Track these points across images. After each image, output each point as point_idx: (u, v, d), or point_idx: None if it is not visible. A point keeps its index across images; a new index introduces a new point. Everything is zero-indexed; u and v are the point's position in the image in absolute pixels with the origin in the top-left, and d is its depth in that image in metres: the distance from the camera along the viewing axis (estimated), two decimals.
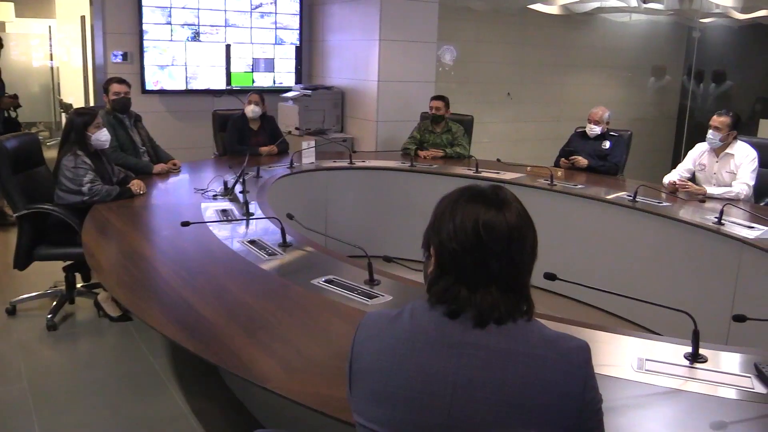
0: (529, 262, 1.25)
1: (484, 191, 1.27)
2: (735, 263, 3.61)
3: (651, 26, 9.40)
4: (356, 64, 6.83)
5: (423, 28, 6.61)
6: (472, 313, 1.21)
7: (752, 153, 4.48)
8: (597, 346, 2.08)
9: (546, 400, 1.16)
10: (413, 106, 6.43)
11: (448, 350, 1.20)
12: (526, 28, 8.35)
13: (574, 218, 4.63)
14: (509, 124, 8.35)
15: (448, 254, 1.23)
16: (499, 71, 8.29)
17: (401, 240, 4.94)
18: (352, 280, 2.58)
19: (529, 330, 1.22)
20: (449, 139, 5.86)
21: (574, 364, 1.20)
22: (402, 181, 5.35)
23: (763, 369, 1.90)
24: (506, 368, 1.18)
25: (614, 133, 5.41)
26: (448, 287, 1.23)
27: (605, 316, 4.30)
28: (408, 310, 1.28)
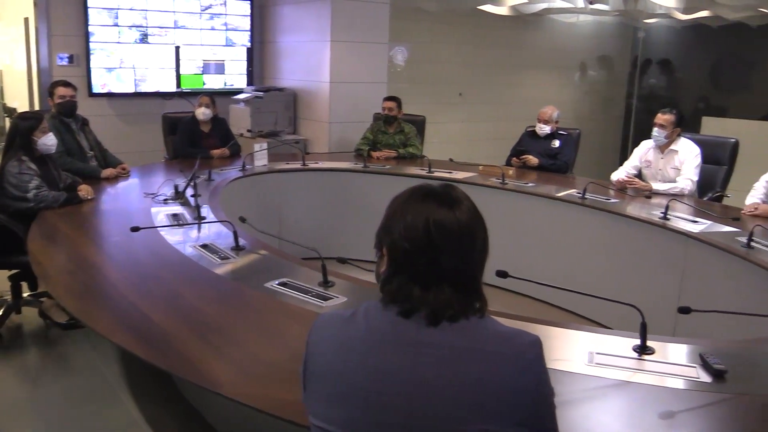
0: (480, 260, 1.27)
1: (435, 190, 1.28)
2: (680, 257, 3.71)
3: (598, 27, 9.59)
4: (308, 65, 6.80)
5: (374, 29, 6.63)
6: (425, 311, 1.22)
7: (695, 149, 4.61)
8: (549, 341, 2.12)
9: (499, 396, 1.18)
10: (366, 107, 6.44)
11: (404, 349, 1.21)
12: (478, 29, 8.43)
13: (526, 216, 4.70)
14: (461, 124, 8.43)
15: (400, 254, 1.24)
16: (451, 71, 8.36)
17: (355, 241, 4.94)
18: (306, 283, 2.57)
19: (483, 327, 1.24)
20: (402, 139, 5.88)
21: (527, 360, 1.21)
22: (355, 182, 5.35)
23: (707, 359, 1.96)
24: (461, 366, 1.19)
25: (563, 132, 5.51)
26: (401, 286, 1.24)
27: (557, 312, 4.38)
28: (362, 310, 1.28)
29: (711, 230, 3.68)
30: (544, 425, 1.23)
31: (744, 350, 2.17)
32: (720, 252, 3.41)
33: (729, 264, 3.35)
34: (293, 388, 1.30)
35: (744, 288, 3.24)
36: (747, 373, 1.95)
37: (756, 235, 3.36)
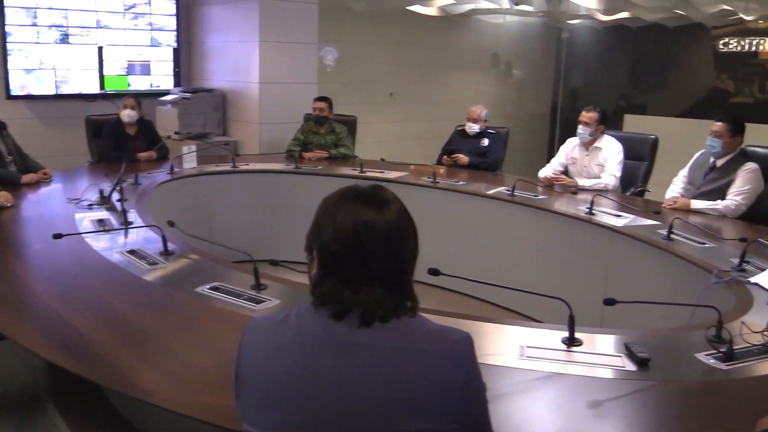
0: (410, 260, 1.28)
1: (364, 191, 1.28)
2: (606, 250, 3.84)
3: (524, 27, 9.80)
4: (237, 66, 6.71)
5: (303, 29, 6.60)
6: (356, 312, 1.22)
7: (618, 146, 4.77)
8: (481, 336, 2.16)
9: (432, 394, 1.19)
10: (296, 108, 6.40)
11: (336, 351, 1.21)
12: (407, 29, 8.49)
13: (457, 214, 4.76)
14: (393, 124, 8.47)
15: (330, 256, 1.24)
16: (382, 72, 8.39)
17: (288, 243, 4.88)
18: (238, 286, 2.54)
19: (414, 326, 1.25)
20: (333, 139, 5.87)
21: (457, 356, 1.23)
22: (287, 184, 5.31)
23: (632, 348, 2.03)
24: (392, 365, 1.20)
25: (492, 130, 5.61)
26: (332, 288, 1.24)
27: (490, 308, 4.45)
28: (294, 313, 1.28)
29: (634, 224, 3.82)
30: (476, 421, 1.25)
31: (666, 338, 2.25)
32: (642, 244, 3.54)
33: (651, 256, 3.48)
34: (226, 394, 1.28)
35: (665, 278, 3.37)
36: (669, 360, 2.03)
37: (675, 228, 3.51)
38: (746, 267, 2.94)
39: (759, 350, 2.08)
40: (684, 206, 4.13)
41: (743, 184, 4.05)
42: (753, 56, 8.35)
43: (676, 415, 1.77)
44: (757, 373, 1.96)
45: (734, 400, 1.82)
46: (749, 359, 2.03)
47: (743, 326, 2.21)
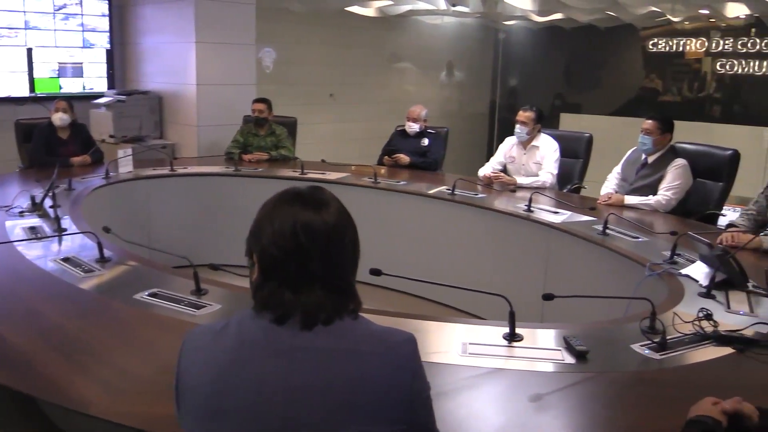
0: (351, 261, 1.28)
1: (302, 193, 1.28)
2: (544, 246, 3.92)
3: (461, 28, 9.91)
4: (173, 67, 6.59)
5: (241, 29, 6.52)
6: (298, 316, 1.21)
7: (554, 144, 4.89)
8: (424, 335, 2.18)
9: (376, 396, 1.19)
10: (235, 110, 6.32)
11: (278, 357, 1.20)
12: (345, 30, 8.48)
13: (399, 214, 4.79)
14: (333, 125, 8.45)
15: (270, 260, 1.23)
16: (321, 72, 8.36)
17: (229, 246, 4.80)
18: (178, 292, 2.49)
19: (357, 328, 1.25)
20: (273, 141, 5.83)
21: (401, 357, 1.23)
22: (227, 186, 5.25)
23: (570, 341, 2.08)
24: (335, 368, 1.19)
25: (432, 130, 5.66)
26: (272, 292, 1.23)
27: (434, 306, 4.48)
28: (235, 320, 1.26)
29: (571, 220, 3.91)
30: (421, 421, 1.26)
31: (603, 331, 2.32)
32: (579, 240, 3.63)
33: (588, 251, 3.57)
34: (167, 402, 1.26)
35: (602, 272, 3.46)
36: (606, 352, 2.09)
37: (610, 223, 3.61)
38: (677, 259, 3.04)
39: (690, 339, 2.16)
40: (618, 202, 4.25)
41: (673, 180, 4.19)
42: (680, 56, 8.65)
43: (614, 405, 1.82)
44: (688, 362, 2.03)
45: (668, 389, 1.89)
46: (681, 348, 2.10)
47: (675, 317, 2.29)
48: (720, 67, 8.23)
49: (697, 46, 8.41)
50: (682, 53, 8.60)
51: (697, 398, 1.59)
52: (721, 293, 2.62)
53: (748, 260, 2.87)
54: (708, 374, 1.98)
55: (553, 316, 3.40)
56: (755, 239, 3.17)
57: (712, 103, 8.61)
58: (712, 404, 1.55)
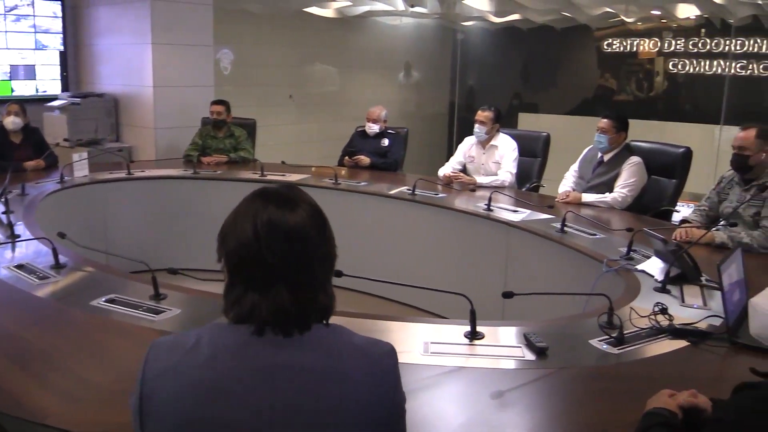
0: (323, 261, 1.23)
1: (269, 191, 1.25)
2: (504, 245, 3.96)
3: (420, 29, 9.95)
4: (129, 69, 6.49)
5: (198, 31, 6.45)
6: (271, 324, 1.17)
7: (513, 144, 4.94)
8: (386, 335, 2.18)
9: (361, 415, 1.17)
10: (193, 112, 6.25)
11: (257, 376, 1.15)
12: (304, 31, 8.45)
13: (360, 214, 4.79)
14: (293, 126, 8.42)
15: (234, 261, 1.20)
16: (280, 73, 8.32)
17: (189, 250, 4.82)
18: (136, 297, 2.45)
19: (337, 340, 1.21)
20: (233, 143, 5.78)
21: (384, 372, 1.21)
22: (186, 189, 5.19)
23: (530, 338, 2.11)
24: (320, 388, 1.15)
25: (392, 131, 5.68)
26: (239, 296, 1.19)
27: (396, 306, 4.49)
28: (206, 336, 1.19)
29: (530, 218, 3.96)
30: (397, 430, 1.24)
31: (562, 327, 2.35)
32: (538, 238, 3.68)
33: (547, 248, 3.62)
34: (126, 410, 1.23)
35: (561, 269, 3.52)
36: (565, 348, 2.12)
37: (568, 221, 3.67)
38: (633, 255, 3.10)
39: (647, 333, 2.21)
40: (575, 200, 4.32)
41: (629, 177, 4.28)
42: (633, 56, 8.81)
43: (573, 400, 1.85)
44: (645, 355, 2.08)
45: (626, 382, 1.93)
46: (638, 342, 2.15)
47: (632, 311, 2.34)
48: (672, 66, 8.41)
49: (650, 46, 8.58)
50: (636, 53, 8.76)
51: (654, 391, 1.63)
52: (675, 288, 2.68)
53: (701, 255, 2.95)
54: (664, 367, 2.02)
55: (513, 314, 3.44)
56: (707, 234, 3.25)
57: (664, 102, 8.80)
58: (669, 396, 1.59)
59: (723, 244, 3.24)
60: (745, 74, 7.65)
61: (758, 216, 3.30)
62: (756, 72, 7.59)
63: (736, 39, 7.64)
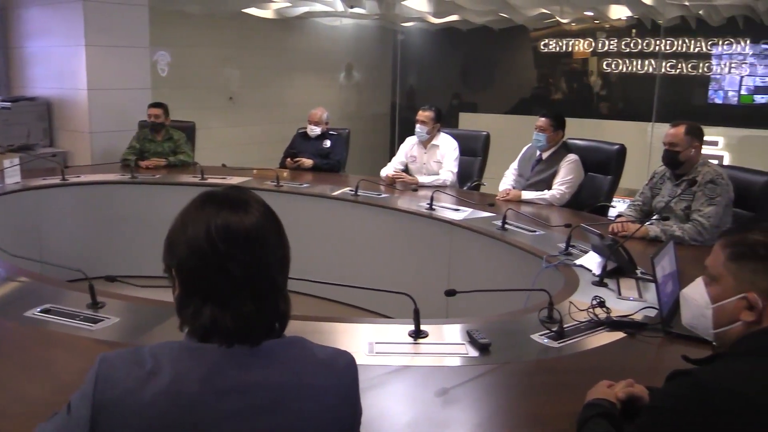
0: (279, 264, 1.19)
1: (217, 194, 1.19)
2: (447, 244, 4.00)
3: (360, 30, 9.96)
4: (62, 72, 6.31)
5: (133, 32, 6.32)
6: (236, 337, 1.12)
7: (454, 143, 5.00)
8: (330, 336, 2.19)
9: (327, 428, 1.16)
10: (130, 115, 6.11)
11: (223, 399, 1.09)
12: (243, 32, 8.36)
13: (303, 216, 4.76)
14: (233, 129, 8.32)
15: (188, 272, 1.13)
16: (220, 75, 8.21)
17: (127, 256, 4.72)
18: (73, 307, 2.38)
19: (300, 354, 1.18)
20: (171, 147, 5.67)
21: (348, 385, 1.20)
22: (123, 195, 5.07)
23: (473, 335, 2.13)
24: (287, 405, 1.12)
25: (334, 132, 5.68)
26: (198, 311, 1.12)
27: (342, 308, 4.48)
28: (166, 356, 1.11)
29: (471, 217, 4.01)
30: None
31: (504, 323, 2.39)
32: (480, 236, 3.73)
33: (489, 246, 3.67)
34: None
35: (502, 266, 3.57)
36: (508, 344, 2.16)
37: (509, 218, 3.72)
38: (572, 251, 3.17)
39: (585, 326, 2.26)
40: (515, 197, 4.39)
41: (566, 175, 4.38)
42: (568, 56, 9.02)
43: (516, 394, 1.89)
44: (584, 348, 2.13)
45: (567, 375, 1.97)
46: (577, 335, 2.20)
47: (571, 305, 2.40)
48: (606, 66, 8.64)
49: (584, 46, 8.79)
50: (571, 53, 8.97)
51: (593, 382, 1.68)
52: (612, 281, 2.75)
53: (636, 248, 3.03)
54: (603, 358, 2.08)
55: (457, 311, 3.47)
56: (642, 228, 3.35)
57: (599, 101, 9.03)
58: (607, 387, 1.63)
59: (656, 238, 3.35)
60: (675, 73, 7.92)
61: (689, 210, 3.42)
62: (685, 71, 7.87)
63: (666, 39, 7.91)
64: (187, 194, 1.25)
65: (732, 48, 7.59)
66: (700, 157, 3.53)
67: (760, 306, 1.29)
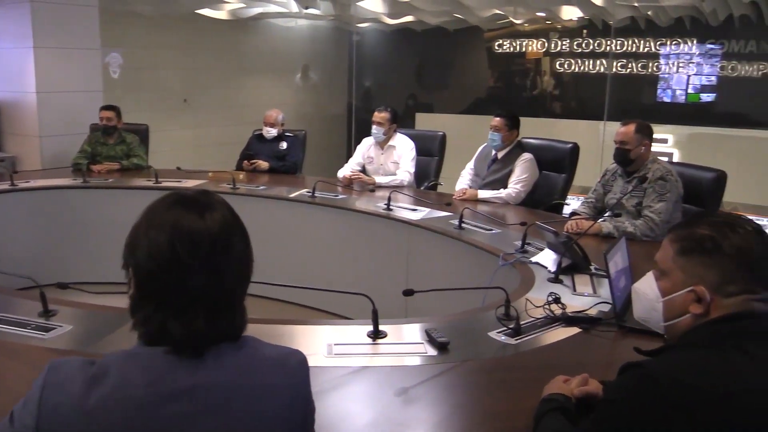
0: (240, 275, 1.17)
1: (184, 196, 1.16)
2: (405, 244, 4.02)
3: (316, 30, 9.94)
4: (9, 74, 6.15)
5: (84, 33, 6.20)
6: (183, 346, 1.10)
7: (410, 143, 5.02)
8: (291, 339, 2.18)
9: (278, 427, 1.14)
10: (81, 118, 5.99)
11: (170, 402, 1.07)
12: (198, 34, 8.27)
13: (260, 219, 4.71)
14: (188, 131, 8.22)
15: (145, 275, 1.11)
16: (174, 77, 8.11)
17: (82, 263, 4.63)
18: (24, 315, 2.32)
19: (250, 354, 1.16)
20: (124, 150, 5.57)
21: (298, 384, 1.19)
22: (75, 200, 4.95)
23: (432, 334, 2.15)
24: (237, 405, 1.10)
25: (290, 133, 5.65)
26: (149, 317, 1.10)
27: (301, 310, 4.46)
28: (113, 363, 1.10)
29: (429, 216, 4.03)
30: None
31: (462, 321, 2.41)
32: (438, 235, 3.75)
33: (446, 245, 3.69)
34: None
35: (460, 265, 3.60)
36: (466, 342, 2.17)
37: (466, 217, 3.76)
38: (528, 248, 3.21)
39: (542, 323, 2.30)
40: (472, 197, 4.44)
41: (521, 173, 4.44)
42: (522, 56, 9.13)
43: (475, 392, 1.90)
44: (541, 344, 2.16)
45: (524, 371, 2.00)
46: (534, 332, 2.23)
47: (527, 302, 2.43)
48: (559, 66, 8.77)
49: (537, 46, 8.91)
50: (524, 53, 9.08)
51: (550, 377, 1.70)
52: (567, 277, 2.80)
53: (590, 245, 3.09)
54: (559, 354, 2.11)
55: (416, 311, 3.49)
56: (595, 225, 3.42)
57: (552, 100, 9.17)
58: (563, 382, 1.66)
59: (609, 234, 3.41)
60: (625, 72, 8.08)
61: (640, 206, 3.50)
62: (635, 70, 8.03)
63: (616, 39, 8.06)
64: (141, 198, 1.23)
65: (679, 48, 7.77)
66: (650, 154, 3.61)
67: (708, 298, 1.33)
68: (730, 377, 1.22)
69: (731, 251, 1.31)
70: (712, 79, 7.61)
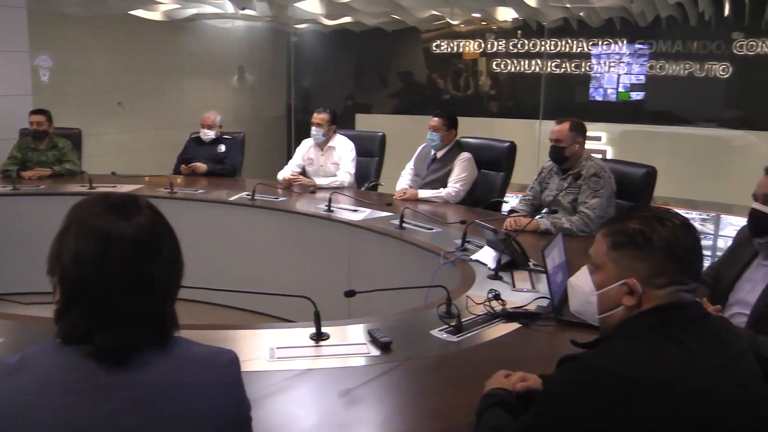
0: (169, 282, 1.16)
1: (110, 199, 1.14)
2: (347, 245, 4.02)
3: (253, 32, 9.83)
4: None
5: (11, 35, 5.99)
6: (108, 351, 1.07)
7: (350, 144, 5.03)
8: (232, 344, 2.12)
9: (206, 427, 1.12)
10: (10, 123, 5.77)
11: (93, 397, 1.05)
12: (131, 35, 8.07)
13: (199, 223, 4.66)
14: (123, 135, 8.02)
15: (70, 283, 1.08)
16: (107, 80, 7.89)
17: (13, 273, 4.48)
18: None
19: (177, 353, 1.14)
20: (56, 155, 5.41)
21: (228, 382, 1.17)
22: (6, 207, 4.78)
23: (374, 334, 2.16)
24: (161, 406, 1.08)
25: (228, 136, 5.59)
26: (74, 326, 1.08)
27: (244, 314, 4.42)
28: (36, 355, 1.09)
29: (370, 217, 4.05)
30: None
31: (404, 320, 2.43)
32: (379, 236, 3.77)
33: (388, 245, 3.72)
34: None
35: (402, 265, 3.62)
36: (408, 341, 2.19)
37: (406, 217, 3.79)
38: (468, 246, 3.25)
39: (483, 319, 2.34)
40: (412, 196, 4.47)
41: (460, 172, 4.49)
42: (458, 56, 9.23)
43: (418, 390, 1.92)
44: (482, 340, 2.20)
45: (466, 368, 2.03)
46: (475, 328, 2.27)
47: (468, 300, 2.47)
48: (495, 66, 8.89)
49: (474, 47, 9.02)
50: (460, 54, 9.18)
51: (492, 373, 1.73)
52: (506, 274, 2.85)
53: (528, 241, 3.15)
54: (500, 349, 2.15)
55: (359, 312, 3.48)
56: (533, 222, 3.49)
57: (489, 100, 9.30)
58: (505, 377, 1.69)
59: (547, 230, 3.49)
60: (559, 72, 8.26)
61: (575, 202, 3.59)
62: (568, 70, 8.22)
63: (550, 40, 8.23)
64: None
65: (610, 48, 7.99)
66: (584, 152, 3.71)
67: (640, 291, 1.37)
68: (663, 366, 1.26)
69: (660, 244, 1.36)
70: (641, 78, 7.84)
